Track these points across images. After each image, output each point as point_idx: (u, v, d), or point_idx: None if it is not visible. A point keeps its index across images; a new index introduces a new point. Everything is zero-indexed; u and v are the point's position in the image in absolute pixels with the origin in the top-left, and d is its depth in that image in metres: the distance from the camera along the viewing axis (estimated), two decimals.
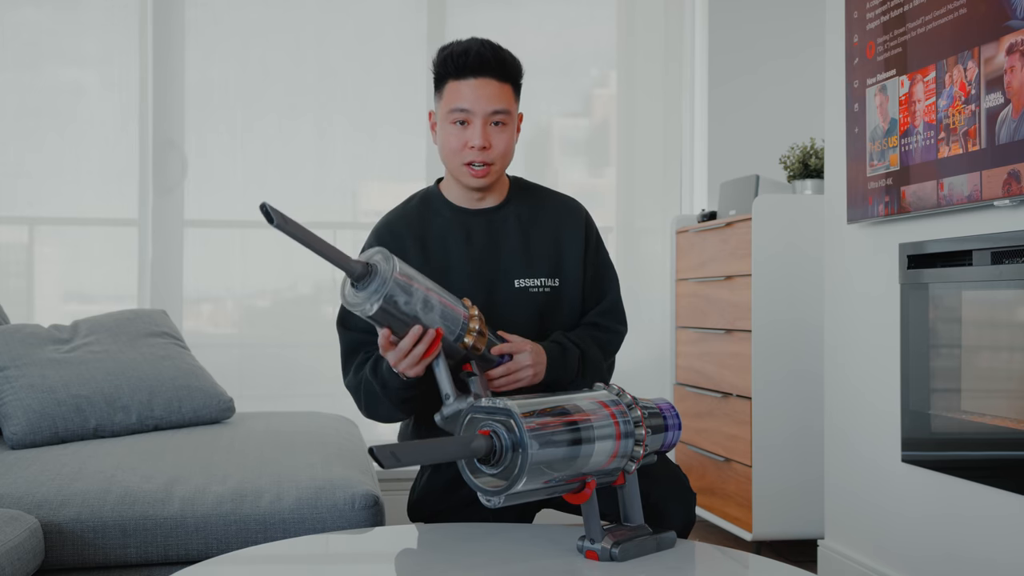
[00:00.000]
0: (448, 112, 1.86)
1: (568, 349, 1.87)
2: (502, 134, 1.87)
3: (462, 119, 1.85)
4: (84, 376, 2.49)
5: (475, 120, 1.84)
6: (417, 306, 1.60)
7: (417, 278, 1.62)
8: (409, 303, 1.58)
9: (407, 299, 1.58)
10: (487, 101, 1.84)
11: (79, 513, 1.92)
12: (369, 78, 3.71)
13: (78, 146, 3.57)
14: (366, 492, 2.02)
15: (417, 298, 1.59)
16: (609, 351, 2.00)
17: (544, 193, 2.04)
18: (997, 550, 2.09)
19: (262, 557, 1.62)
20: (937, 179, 2.18)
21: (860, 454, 2.59)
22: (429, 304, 1.62)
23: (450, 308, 1.66)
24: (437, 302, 1.64)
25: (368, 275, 1.55)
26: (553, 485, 1.40)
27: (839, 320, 2.71)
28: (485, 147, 1.85)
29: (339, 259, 1.51)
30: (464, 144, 1.86)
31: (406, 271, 1.59)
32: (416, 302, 1.59)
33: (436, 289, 1.65)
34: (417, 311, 1.60)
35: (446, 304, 1.66)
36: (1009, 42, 1.95)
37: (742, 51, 3.84)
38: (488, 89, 1.84)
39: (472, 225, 1.94)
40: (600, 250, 2.04)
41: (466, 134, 1.85)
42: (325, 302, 3.72)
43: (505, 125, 1.87)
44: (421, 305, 1.60)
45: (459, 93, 1.85)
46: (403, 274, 1.58)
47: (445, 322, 1.65)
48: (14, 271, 3.57)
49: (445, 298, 1.66)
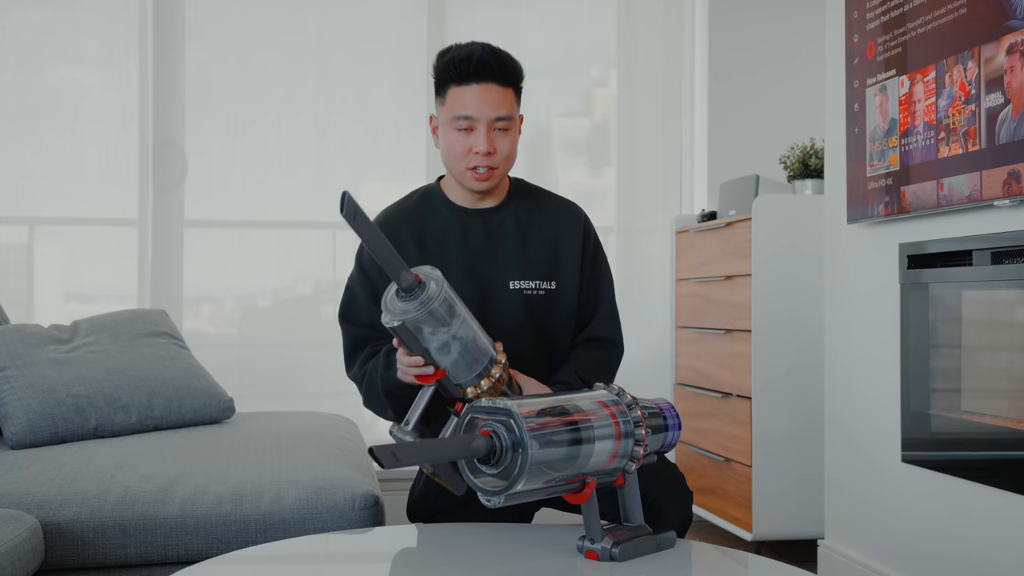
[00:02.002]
0: (452, 118, 1.86)
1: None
2: (505, 138, 1.88)
3: (466, 126, 1.85)
4: (84, 376, 2.49)
5: (479, 126, 1.85)
6: (434, 344, 1.57)
7: (459, 312, 1.57)
8: (434, 334, 1.55)
9: (432, 330, 1.55)
10: (491, 107, 1.85)
11: (79, 513, 1.92)
12: (369, 78, 3.71)
13: (78, 146, 3.57)
14: (366, 492, 2.02)
15: (440, 336, 1.56)
16: (612, 372, 2.01)
17: (544, 196, 2.04)
18: (997, 550, 2.09)
19: (262, 557, 1.62)
20: (937, 179, 2.18)
21: (860, 454, 2.59)
22: (448, 348, 1.58)
23: (475, 351, 1.62)
24: (460, 347, 1.59)
25: (415, 289, 1.52)
26: (553, 485, 1.40)
27: (839, 320, 2.71)
28: (490, 152, 1.86)
29: (393, 265, 1.48)
30: (469, 150, 1.86)
31: (451, 300, 1.55)
32: (438, 338, 1.56)
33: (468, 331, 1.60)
34: (432, 348, 1.57)
35: (472, 346, 1.61)
36: (1009, 42, 1.95)
37: (742, 51, 3.84)
38: (491, 95, 1.84)
39: (470, 225, 1.94)
40: (598, 253, 2.04)
41: (470, 140, 1.86)
42: (325, 302, 3.72)
43: (508, 130, 1.88)
44: (439, 345, 1.57)
45: (462, 99, 1.85)
46: (447, 302, 1.54)
47: (455, 368, 1.62)
48: (14, 271, 3.57)
49: (475, 341, 1.61)
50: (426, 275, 1.55)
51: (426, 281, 1.53)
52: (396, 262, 1.48)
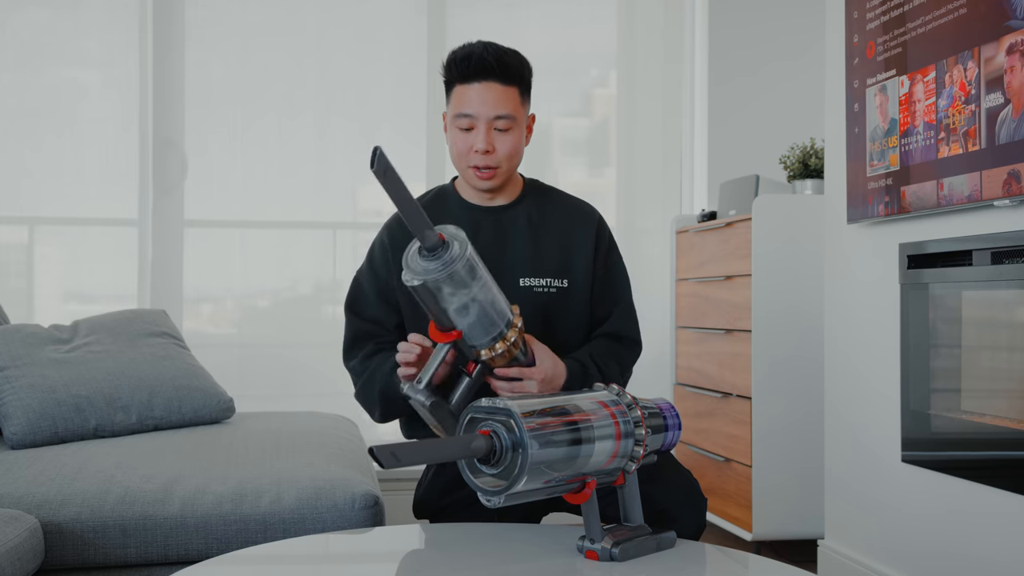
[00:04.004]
0: (454, 116, 1.88)
1: (590, 373, 1.86)
2: (506, 137, 1.87)
3: (467, 125, 1.86)
4: (84, 376, 2.49)
5: (479, 124, 1.86)
6: (453, 305, 1.56)
7: (481, 274, 1.57)
8: (454, 295, 1.55)
9: (452, 291, 1.54)
10: (490, 106, 1.85)
11: (79, 513, 1.92)
12: (369, 78, 3.71)
13: (78, 146, 3.57)
14: (366, 492, 2.02)
15: (460, 298, 1.56)
16: (626, 366, 2.00)
17: (558, 195, 2.04)
18: (997, 550, 2.09)
19: (262, 557, 1.62)
20: (937, 179, 2.18)
21: (860, 454, 2.59)
22: (467, 309, 1.58)
23: (492, 314, 1.62)
24: (478, 309, 1.59)
25: (438, 249, 1.52)
26: (553, 485, 1.40)
27: (839, 320, 2.71)
28: (488, 151, 1.86)
29: (417, 223, 1.48)
30: (469, 148, 1.87)
31: (473, 262, 1.55)
32: (457, 300, 1.56)
33: (488, 294, 1.60)
34: (451, 309, 1.57)
35: (491, 309, 1.61)
36: (1009, 42, 1.95)
37: (742, 51, 3.84)
38: (491, 93, 1.85)
39: (481, 222, 1.95)
40: (612, 251, 2.03)
41: (470, 138, 1.87)
42: (325, 302, 3.73)
43: (509, 129, 1.87)
44: (458, 306, 1.57)
45: (464, 98, 1.86)
46: (469, 264, 1.54)
47: (472, 330, 1.61)
48: (14, 271, 3.57)
49: (493, 305, 1.62)
50: (450, 235, 1.55)
51: (450, 241, 1.54)
52: (421, 220, 1.48)
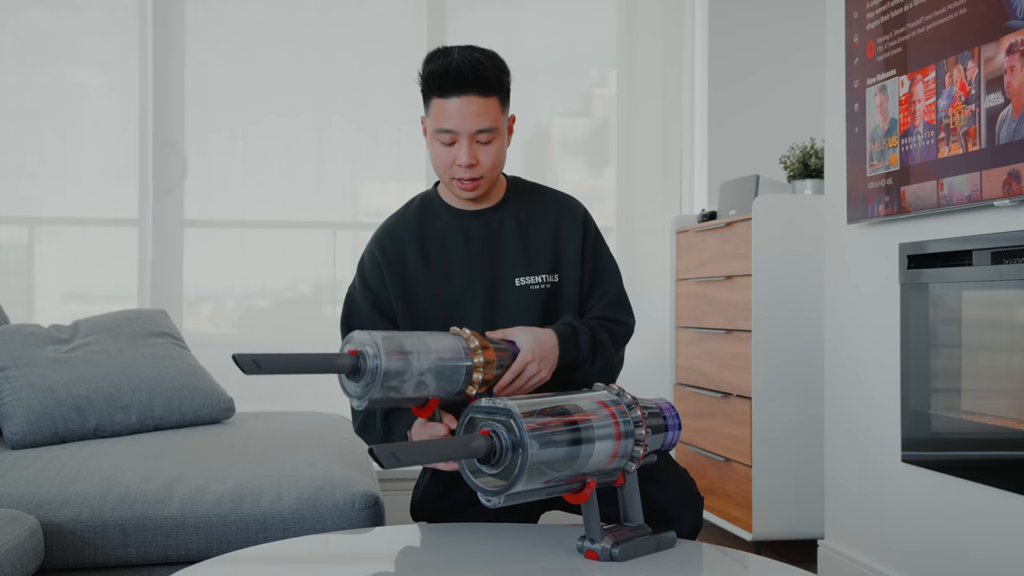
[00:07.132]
0: (435, 131, 1.85)
1: (579, 330, 1.86)
2: (489, 149, 1.85)
3: (448, 140, 1.83)
4: (84, 376, 2.49)
5: (461, 139, 1.82)
6: (409, 390, 1.60)
7: (410, 348, 1.60)
8: (403, 384, 1.58)
9: (398, 383, 1.57)
10: (472, 120, 1.81)
11: (79, 513, 1.92)
12: (369, 78, 3.71)
13: (78, 146, 3.57)
14: (366, 492, 2.02)
15: (410, 382, 1.59)
16: (618, 341, 1.98)
17: (541, 191, 2.04)
18: (997, 550, 2.09)
19: (262, 557, 1.62)
20: (937, 179, 2.18)
21: (860, 454, 2.59)
22: (424, 383, 1.61)
23: (448, 366, 1.64)
24: (433, 374, 1.62)
25: (359, 370, 1.56)
26: (553, 485, 1.40)
27: (839, 320, 2.71)
28: (472, 164, 1.84)
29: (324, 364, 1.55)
30: (452, 162, 1.85)
31: (396, 348, 1.58)
32: (410, 383, 1.59)
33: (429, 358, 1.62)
34: (410, 393, 1.61)
35: (443, 365, 1.64)
36: (1009, 42, 1.95)
37: (742, 51, 3.84)
38: (472, 107, 1.81)
39: (471, 226, 1.94)
40: (599, 244, 2.03)
41: (453, 152, 1.84)
42: (325, 302, 3.72)
43: (491, 141, 1.85)
44: (413, 387, 1.60)
45: (444, 112, 1.83)
46: (393, 354, 1.56)
47: (443, 384, 1.64)
48: (14, 271, 3.57)
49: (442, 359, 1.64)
50: (359, 343, 1.57)
51: (362, 351, 1.56)
52: (324, 360, 1.55)
